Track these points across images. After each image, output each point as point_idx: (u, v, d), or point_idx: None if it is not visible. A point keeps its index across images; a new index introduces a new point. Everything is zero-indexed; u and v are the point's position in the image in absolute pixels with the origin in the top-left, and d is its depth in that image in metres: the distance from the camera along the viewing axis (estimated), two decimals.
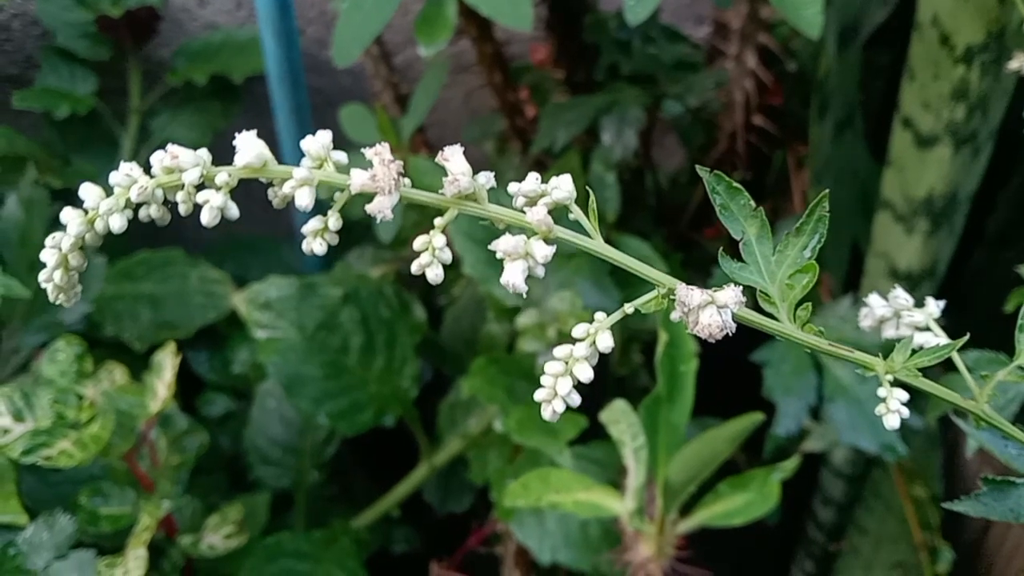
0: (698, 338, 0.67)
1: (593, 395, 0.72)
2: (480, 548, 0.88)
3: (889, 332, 0.44)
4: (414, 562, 0.94)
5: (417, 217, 0.89)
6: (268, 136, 0.31)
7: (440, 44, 0.68)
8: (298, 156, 0.31)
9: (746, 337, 0.81)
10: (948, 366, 0.40)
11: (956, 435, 0.86)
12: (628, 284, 0.81)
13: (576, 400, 0.31)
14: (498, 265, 0.83)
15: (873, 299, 0.44)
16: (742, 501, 0.62)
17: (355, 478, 1.00)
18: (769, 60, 0.80)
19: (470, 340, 0.93)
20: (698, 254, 0.95)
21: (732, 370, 0.84)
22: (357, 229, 1.05)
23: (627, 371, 0.87)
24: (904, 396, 0.35)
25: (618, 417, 0.63)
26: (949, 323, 0.45)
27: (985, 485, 0.39)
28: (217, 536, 0.77)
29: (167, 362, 0.72)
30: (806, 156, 0.84)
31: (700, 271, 0.90)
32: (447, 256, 0.31)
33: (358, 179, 0.30)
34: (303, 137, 0.31)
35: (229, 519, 0.78)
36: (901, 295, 0.43)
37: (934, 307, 0.43)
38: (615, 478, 0.70)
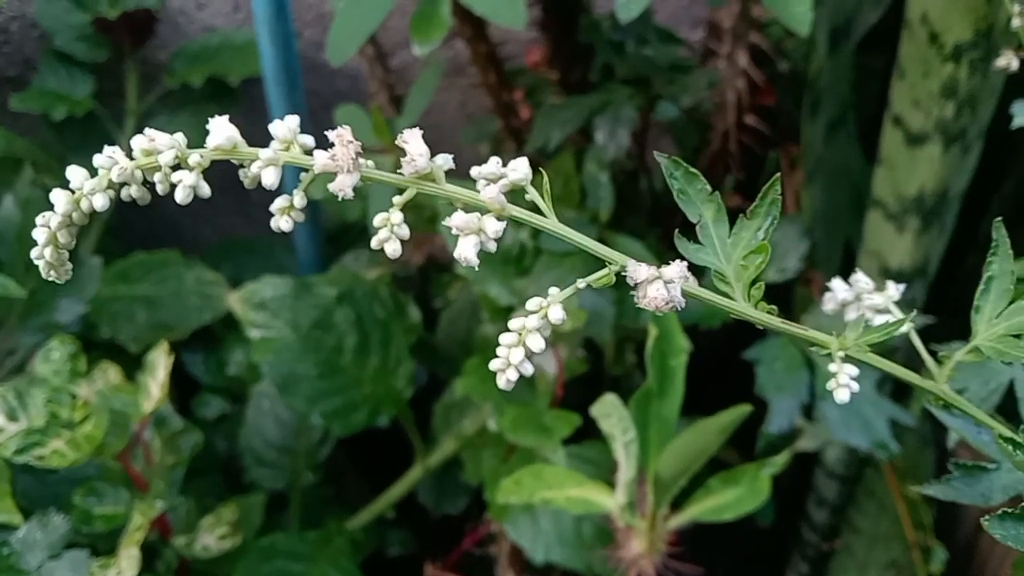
0: (689, 336, 0.67)
1: (587, 395, 0.72)
2: (475, 549, 0.88)
3: (851, 315, 0.45)
4: (409, 564, 0.94)
5: (412, 219, 0.89)
6: (265, 138, 0.33)
7: (434, 43, 0.69)
8: None
9: (737, 338, 0.81)
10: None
11: (948, 434, 0.86)
12: (622, 284, 0.81)
13: (529, 370, 0.33)
14: (491, 265, 0.83)
15: (835, 283, 0.46)
16: (733, 496, 0.62)
17: (350, 480, 1.00)
18: (761, 60, 0.80)
19: (465, 343, 0.93)
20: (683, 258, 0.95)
21: (722, 370, 0.84)
22: (353, 232, 1.05)
23: (621, 371, 0.87)
24: (854, 371, 0.37)
25: (609, 411, 0.63)
26: (944, 326, 0.45)
27: (956, 470, 0.40)
28: (211, 537, 0.77)
29: (160, 361, 0.72)
30: (799, 156, 0.85)
31: (696, 271, 0.90)
32: (404, 232, 0.33)
33: (320, 159, 0.32)
34: None
35: (223, 520, 0.78)
36: (862, 279, 0.45)
37: (894, 290, 0.45)
38: (608, 477, 0.71)
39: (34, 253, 0.33)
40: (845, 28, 0.79)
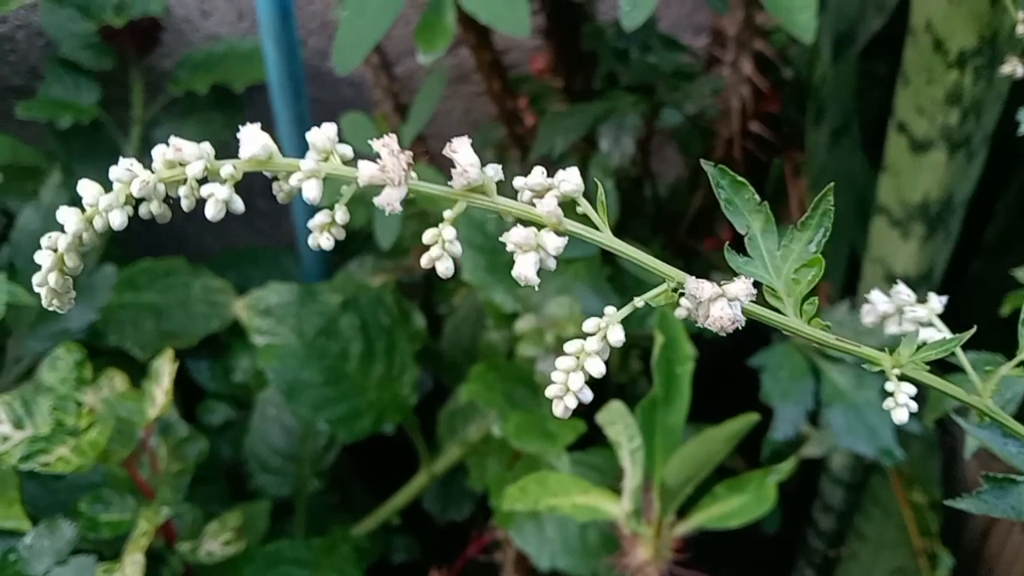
0: (695, 343, 0.67)
1: (592, 402, 0.72)
2: (480, 556, 0.88)
3: (892, 328, 0.44)
4: (414, 571, 0.94)
5: (417, 227, 0.90)
6: None
7: (439, 51, 0.69)
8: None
9: (741, 344, 0.81)
10: (945, 369, 0.40)
11: (954, 441, 0.86)
12: (626, 291, 0.82)
13: (588, 396, 0.31)
14: (497, 272, 0.84)
15: (875, 295, 0.43)
16: (739, 503, 0.62)
17: (355, 486, 1.00)
18: (765, 67, 0.81)
19: (470, 350, 0.93)
20: (697, 262, 0.95)
21: (728, 377, 0.84)
22: (358, 239, 1.05)
23: (626, 379, 0.87)
24: (912, 390, 0.35)
25: (615, 418, 0.63)
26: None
27: (986, 483, 0.39)
28: (216, 543, 0.77)
29: (165, 369, 0.72)
30: (803, 163, 0.85)
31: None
32: (457, 249, 0.31)
33: (367, 171, 0.29)
34: (304, 147, 0.31)
35: (228, 526, 0.78)
36: (903, 291, 0.43)
37: (936, 303, 0.43)
38: (614, 484, 0.71)
39: (36, 280, 0.30)
40: (849, 35, 0.79)
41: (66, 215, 0.29)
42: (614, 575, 0.71)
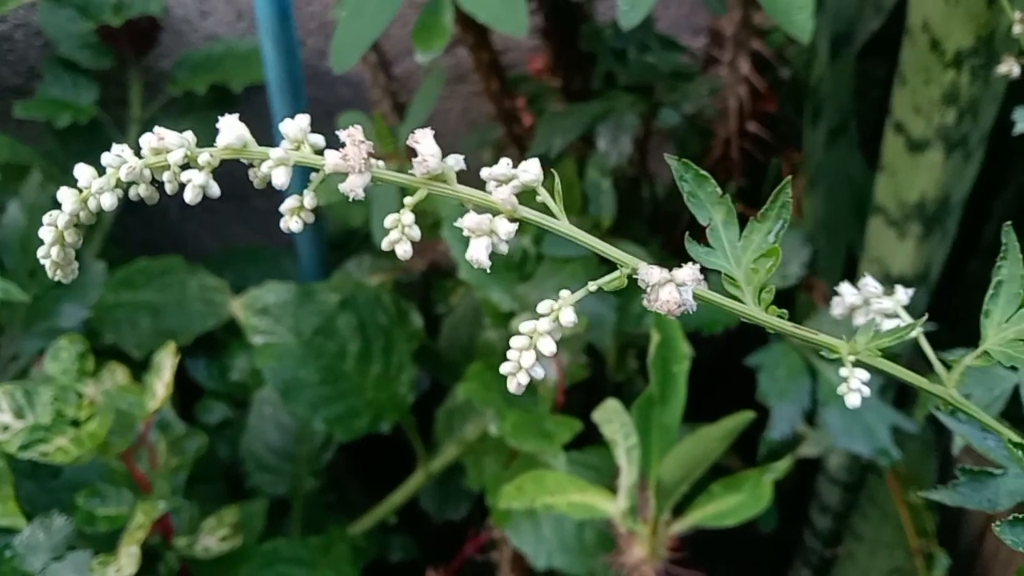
0: (691, 342, 0.67)
1: (589, 401, 0.72)
2: (477, 555, 0.88)
3: (860, 320, 0.44)
4: (411, 570, 0.94)
5: None
6: (268, 145, 0.33)
7: (437, 50, 0.69)
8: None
9: (739, 344, 0.81)
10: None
11: (951, 442, 0.86)
12: (623, 290, 0.82)
13: (540, 373, 0.33)
14: (493, 271, 0.83)
15: (844, 287, 0.45)
16: (735, 501, 0.62)
17: (352, 485, 1.00)
18: (763, 67, 0.81)
19: (467, 349, 0.93)
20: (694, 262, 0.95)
21: (724, 377, 0.84)
22: (355, 239, 1.05)
23: (623, 377, 0.87)
24: (865, 376, 0.36)
25: (611, 417, 0.63)
26: (945, 333, 0.45)
27: (963, 475, 0.39)
28: (212, 539, 0.77)
29: (166, 362, 0.73)
30: (800, 163, 0.85)
31: (703, 274, 0.90)
32: (415, 233, 0.33)
33: (331, 159, 0.31)
34: None
35: (224, 522, 0.78)
36: (870, 283, 0.44)
37: (902, 294, 0.44)
38: (610, 483, 0.71)
39: (40, 252, 0.33)
40: (846, 35, 0.79)
41: (64, 195, 0.32)
42: (610, 574, 0.71)
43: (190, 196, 0.32)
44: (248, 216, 1.18)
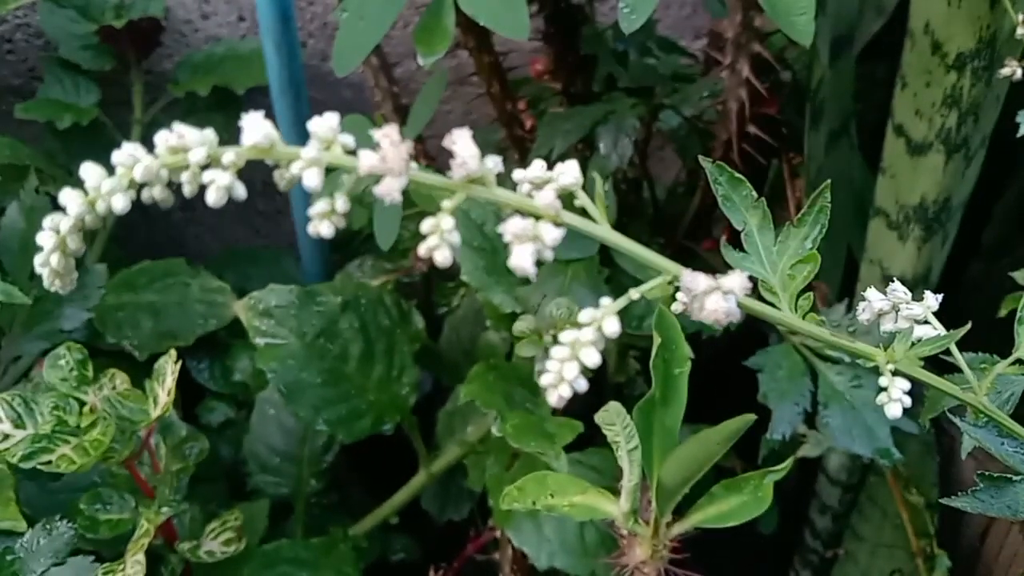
0: (692, 345, 0.67)
1: (590, 402, 0.72)
2: (478, 555, 0.88)
3: (887, 326, 0.44)
4: (413, 570, 0.94)
5: (416, 228, 0.90)
6: None
7: (438, 53, 0.69)
8: None
9: (738, 346, 0.81)
10: (944, 370, 0.41)
11: (951, 442, 0.86)
12: (624, 291, 0.82)
13: (583, 386, 0.31)
14: (496, 273, 0.84)
15: (871, 293, 0.44)
16: (736, 503, 0.62)
17: (354, 486, 1.00)
18: (763, 70, 0.81)
19: (469, 350, 0.93)
20: (696, 265, 0.95)
21: (725, 377, 0.84)
22: (357, 240, 1.06)
23: (624, 379, 0.87)
24: (906, 385, 0.35)
25: (613, 419, 0.63)
26: None
27: (982, 482, 0.39)
28: (216, 542, 0.77)
29: (168, 368, 0.73)
30: (801, 165, 0.85)
31: None
32: (455, 239, 0.30)
33: (367, 160, 0.29)
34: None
35: (228, 525, 0.78)
36: (899, 289, 0.43)
37: (932, 300, 0.44)
38: (612, 484, 0.71)
39: (38, 260, 0.30)
40: (847, 37, 0.79)
41: (68, 197, 0.30)
42: (612, 574, 0.71)
43: (213, 198, 0.29)
44: (250, 218, 1.18)
